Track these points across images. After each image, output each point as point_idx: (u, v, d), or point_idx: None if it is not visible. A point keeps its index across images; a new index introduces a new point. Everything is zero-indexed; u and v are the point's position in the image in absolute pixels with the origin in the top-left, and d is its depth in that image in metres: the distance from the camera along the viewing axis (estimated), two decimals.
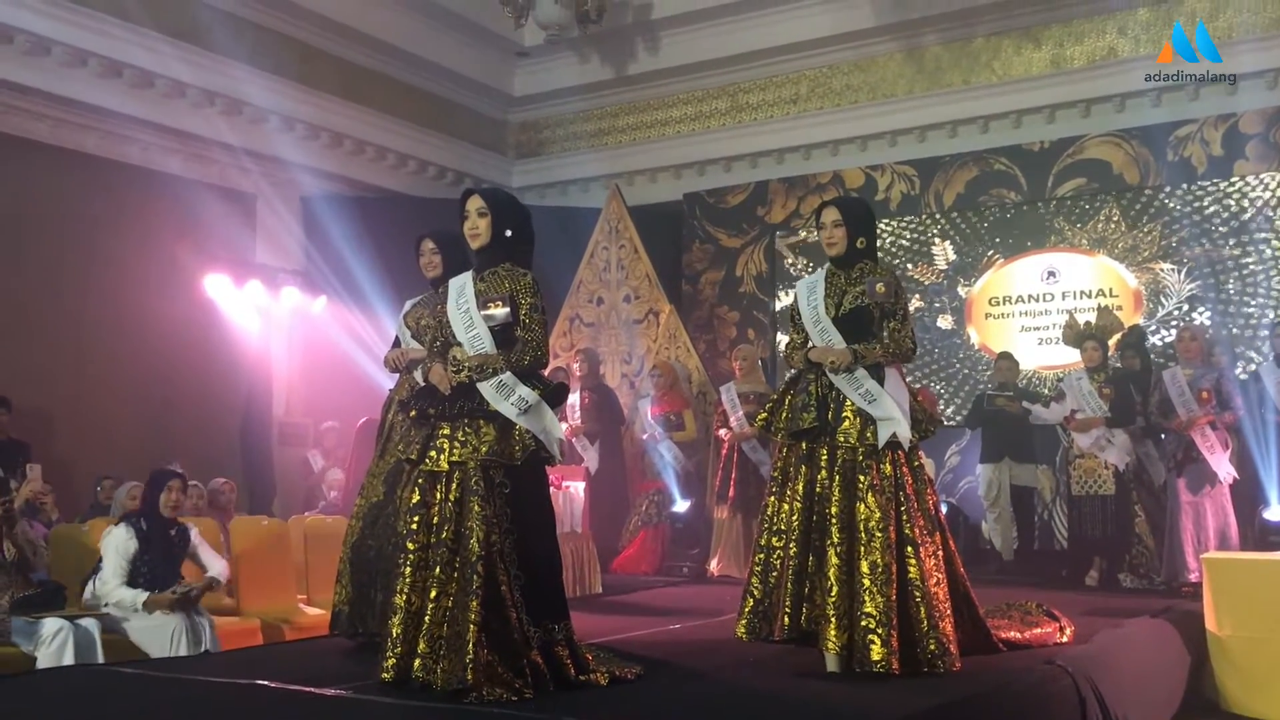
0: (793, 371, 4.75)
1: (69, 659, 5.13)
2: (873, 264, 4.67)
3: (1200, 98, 9.43)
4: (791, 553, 4.38)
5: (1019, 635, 4.81)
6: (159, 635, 5.47)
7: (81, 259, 8.84)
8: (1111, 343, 8.20)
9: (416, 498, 4.03)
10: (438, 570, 3.86)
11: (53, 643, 5.15)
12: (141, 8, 8.77)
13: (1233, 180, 9.22)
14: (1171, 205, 9.44)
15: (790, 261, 10.98)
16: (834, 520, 4.32)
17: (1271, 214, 9.07)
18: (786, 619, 4.33)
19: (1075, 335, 8.10)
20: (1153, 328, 9.32)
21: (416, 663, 3.80)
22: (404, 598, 3.91)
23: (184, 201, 9.40)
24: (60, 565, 5.87)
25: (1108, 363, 8.05)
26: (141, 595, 5.56)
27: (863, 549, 4.27)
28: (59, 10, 8.28)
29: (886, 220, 10.37)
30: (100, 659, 5.21)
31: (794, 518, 4.42)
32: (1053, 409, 8.17)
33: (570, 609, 4.10)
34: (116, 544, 5.66)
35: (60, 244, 8.75)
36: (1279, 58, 9.12)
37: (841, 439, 4.41)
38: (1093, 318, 8.37)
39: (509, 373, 4.01)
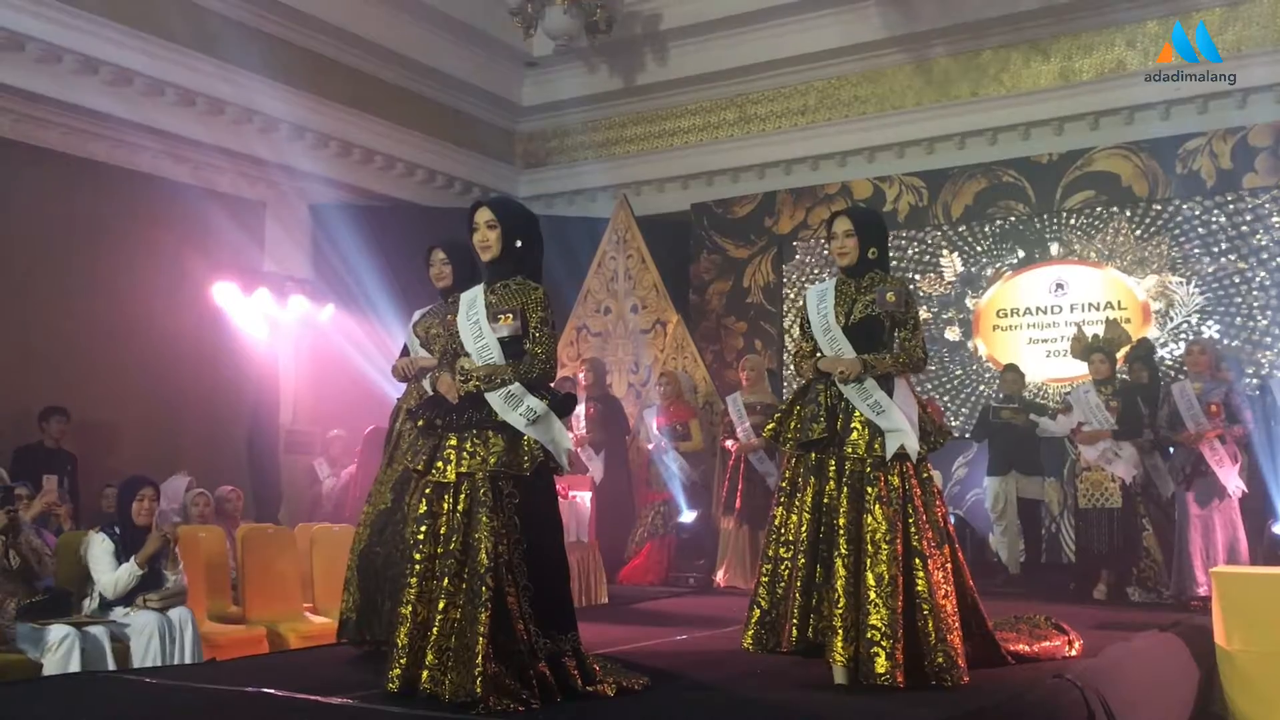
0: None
1: (75, 665, 5.13)
2: (883, 274, 4.65)
3: (1209, 111, 9.42)
4: (799, 564, 4.37)
5: (1027, 648, 4.79)
6: (138, 637, 5.46)
7: (90, 266, 8.84)
8: (1119, 355, 8.19)
9: (423, 508, 4.02)
10: (446, 581, 3.85)
11: (59, 649, 5.17)
12: (152, 16, 8.79)
13: (1241, 193, 9.20)
14: (1180, 218, 9.42)
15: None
16: (841, 532, 4.31)
17: None
18: (794, 630, 4.32)
19: (1083, 348, 8.10)
20: (1161, 340, 9.30)
21: (424, 674, 3.79)
22: (410, 608, 3.90)
23: (193, 209, 9.43)
24: (66, 573, 5.87)
25: (1116, 375, 8.05)
26: (128, 563, 5.57)
27: (869, 561, 4.25)
28: (70, 18, 8.29)
29: (894, 232, 10.33)
30: (111, 666, 5.21)
31: (802, 529, 4.40)
32: (1060, 421, 8.16)
33: (577, 619, 4.10)
34: (98, 549, 5.69)
35: (68, 251, 8.76)
36: None
37: (849, 450, 4.40)
38: (1101, 330, 8.37)
39: (517, 383, 4.00)
